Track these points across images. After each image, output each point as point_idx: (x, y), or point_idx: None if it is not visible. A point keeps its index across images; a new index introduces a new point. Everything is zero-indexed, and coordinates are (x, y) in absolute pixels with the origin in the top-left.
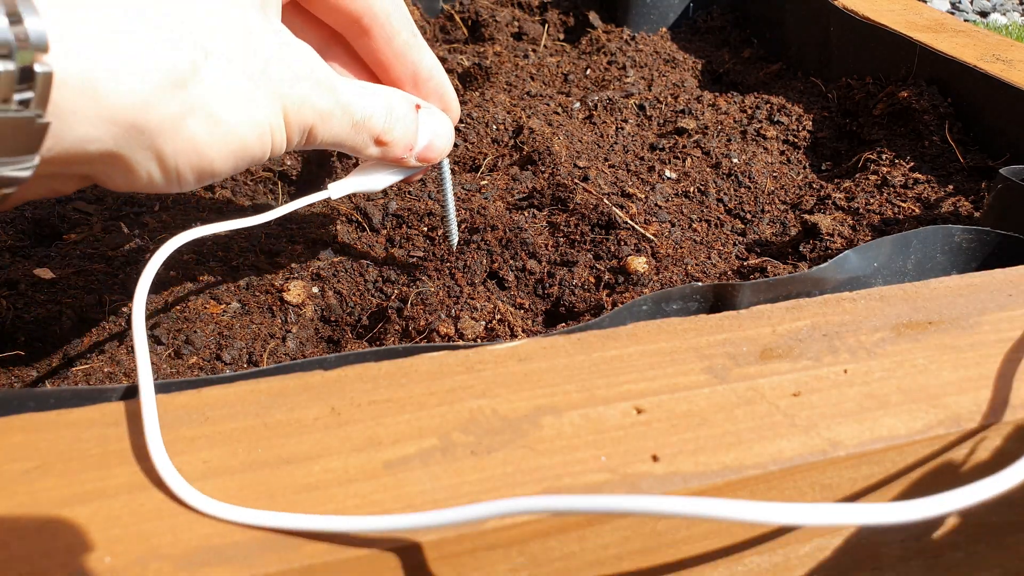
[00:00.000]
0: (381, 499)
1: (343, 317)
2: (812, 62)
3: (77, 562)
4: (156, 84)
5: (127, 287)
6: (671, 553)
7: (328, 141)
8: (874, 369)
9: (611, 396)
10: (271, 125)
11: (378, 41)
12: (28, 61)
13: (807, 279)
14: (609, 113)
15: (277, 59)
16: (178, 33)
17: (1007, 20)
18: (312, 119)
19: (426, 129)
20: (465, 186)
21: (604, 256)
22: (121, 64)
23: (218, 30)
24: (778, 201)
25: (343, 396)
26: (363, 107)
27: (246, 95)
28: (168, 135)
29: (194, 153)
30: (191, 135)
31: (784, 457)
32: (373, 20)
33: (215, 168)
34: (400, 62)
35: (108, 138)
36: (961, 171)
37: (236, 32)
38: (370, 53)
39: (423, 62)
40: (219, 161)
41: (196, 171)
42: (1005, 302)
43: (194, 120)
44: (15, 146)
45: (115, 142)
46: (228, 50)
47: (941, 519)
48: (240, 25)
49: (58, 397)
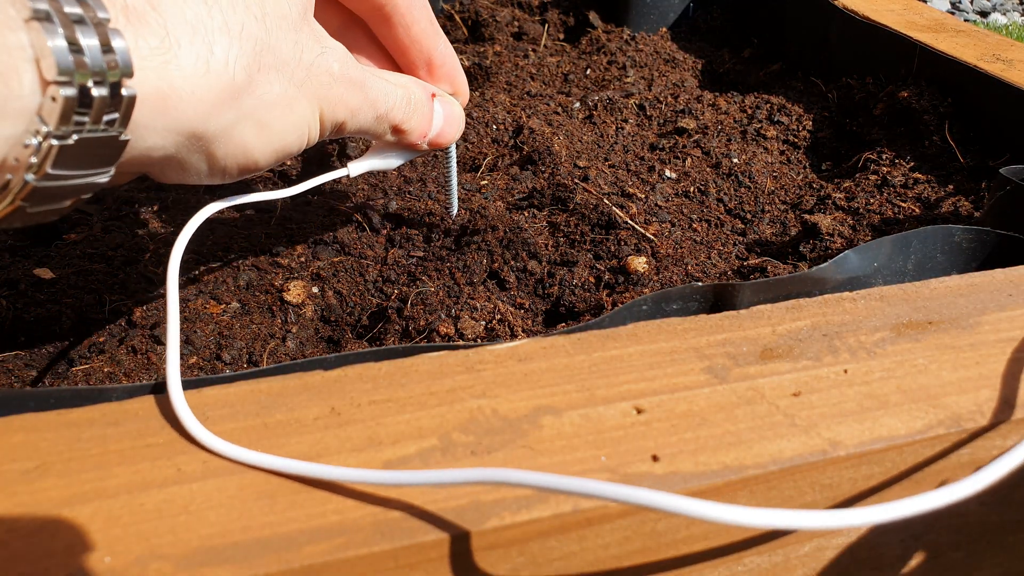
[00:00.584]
0: (381, 499)
1: (343, 317)
2: (812, 62)
3: (77, 562)
4: (216, 98)
5: (127, 287)
6: (671, 553)
7: (354, 131)
8: (874, 369)
9: (611, 396)
10: (309, 124)
11: (397, 28)
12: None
13: (807, 279)
14: (609, 113)
15: (317, 65)
16: (237, 48)
17: (1007, 20)
18: (344, 116)
19: (439, 117)
20: (465, 186)
21: (604, 256)
22: (188, 81)
23: (271, 44)
24: (778, 201)
25: (343, 396)
26: (387, 100)
27: (290, 101)
28: (222, 140)
29: (242, 154)
30: (241, 139)
31: (784, 457)
32: (394, 8)
33: (259, 165)
34: (416, 48)
35: (171, 145)
36: (961, 171)
37: (286, 44)
38: (389, 38)
39: (438, 48)
40: (263, 159)
41: (241, 168)
42: (1005, 302)
43: (245, 126)
44: (100, 160)
45: (176, 148)
46: (278, 61)
47: (941, 519)
48: (291, 37)
49: (58, 397)
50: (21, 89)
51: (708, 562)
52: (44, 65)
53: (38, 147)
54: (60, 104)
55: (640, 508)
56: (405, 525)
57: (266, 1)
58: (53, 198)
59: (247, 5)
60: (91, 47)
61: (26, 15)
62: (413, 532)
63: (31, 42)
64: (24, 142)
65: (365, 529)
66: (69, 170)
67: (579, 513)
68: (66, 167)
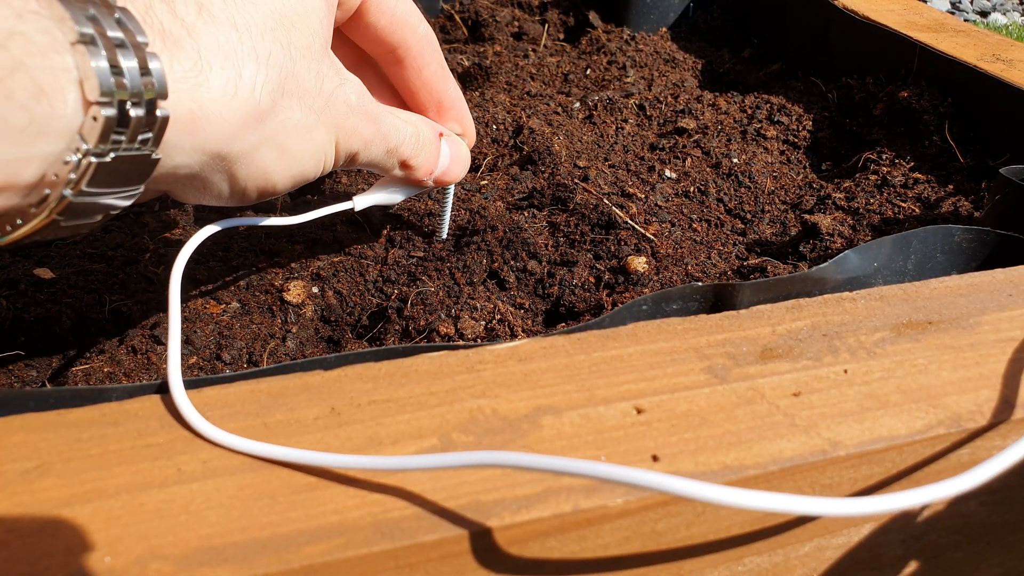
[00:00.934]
0: (381, 499)
1: (343, 317)
2: (812, 62)
3: (77, 562)
4: (242, 120)
5: (127, 287)
6: (671, 553)
7: (364, 163)
8: (874, 369)
9: (611, 396)
10: (326, 151)
11: (409, 71)
12: (152, 107)
13: (807, 279)
14: (609, 113)
15: (336, 95)
16: (264, 74)
17: (1007, 20)
18: (358, 146)
19: (446, 155)
20: (465, 186)
21: (604, 256)
22: (216, 103)
23: (295, 72)
24: (778, 201)
25: (343, 396)
26: (398, 135)
27: (310, 127)
28: (244, 162)
29: (262, 177)
30: (262, 161)
31: (784, 457)
32: (407, 52)
33: (277, 188)
34: (427, 90)
35: (196, 165)
36: (961, 171)
37: (308, 73)
38: (401, 80)
39: (448, 92)
40: (281, 183)
41: (260, 191)
42: (1005, 302)
43: (267, 149)
44: (132, 178)
45: (200, 167)
46: (300, 89)
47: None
48: (312, 67)
49: (58, 397)
50: (65, 108)
51: (708, 562)
52: (88, 86)
53: (77, 164)
54: (101, 123)
55: (638, 495)
56: (405, 525)
57: (292, 32)
58: (86, 213)
59: (275, 34)
60: (131, 69)
61: (72, 38)
62: (413, 532)
63: (76, 64)
64: (64, 159)
65: (365, 529)
66: (104, 187)
67: (579, 513)
68: (101, 184)
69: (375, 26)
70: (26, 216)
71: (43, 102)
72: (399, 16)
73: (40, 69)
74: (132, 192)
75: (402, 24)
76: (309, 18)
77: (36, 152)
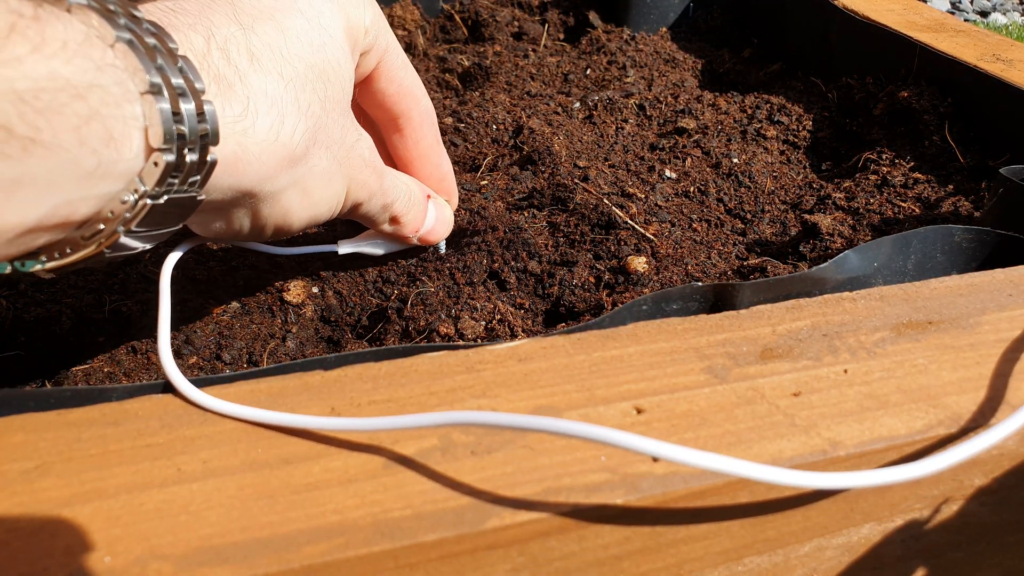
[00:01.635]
0: (381, 499)
1: (343, 317)
2: (812, 62)
3: (77, 562)
4: (278, 164)
5: (127, 287)
6: (671, 553)
7: (361, 215)
8: (874, 369)
9: (611, 396)
10: (339, 199)
11: (408, 140)
12: (205, 151)
13: (807, 279)
14: (609, 113)
15: (355, 149)
16: (304, 123)
17: (1007, 20)
18: (364, 197)
19: (432, 217)
20: (465, 186)
21: (604, 256)
22: (259, 147)
23: (326, 123)
24: (778, 201)
25: (343, 396)
26: (394, 192)
27: (331, 175)
28: (269, 201)
29: (282, 217)
30: (287, 202)
31: (784, 457)
32: (408, 122)
33: (292, 228)
34: (421, 162)
35: (227, 200)
36: (961, 171)
37: (336, 126)
38: (397, 147)
39: (440, 167)
40: (297, 223)
41: (278, 229)
42: (1005, 302)
43: (293, 191)
44: (176, 219)
45: (231, 203)
46: (328, 140)
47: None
48: (339, 121)
49: (58, 397)
50: (129, 153)
51: (708, 562)
52: (152, 133)
53: (134, 204)
54: (161, 168)
55: (638, 495)
56: (405, 525)
57: (328, 86)
58: (128, 248)
59: (314, 87)
60: (189, 114)
61: (143, 88)
62: (413, 532)
63: (144, 112)
64: (122, 199)
65: (365, 529)
66: (151, 226)
67: (579, 513)
68: (150, 224)
69: (383, 93)
70: (76, 246)
71: (111, 148)
72: (405, 87)
73: (113, 118)
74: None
75: (407, 95)
76: (341, 75)
77: (98, 192)
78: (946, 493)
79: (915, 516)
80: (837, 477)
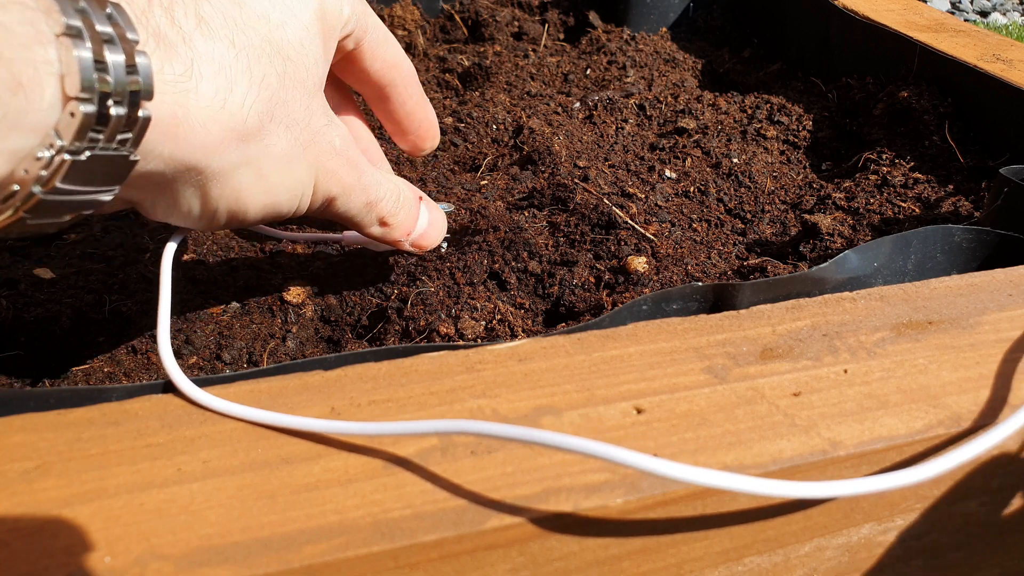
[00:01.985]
0: (381, 499)
1: (343, 317)
2: (812, 62)
3: (77, 562)
4: (224, 135)
5: (127, 287)
6: (671, 553)
7: (341, 213)
8: (874, 369)
9: (611, 396)
10: (303, 188)
11: (394, 103)
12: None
13: (807, 279)
14: (609, 113)
15: (322, 134)
16: (255, 94)
17: (1007, 20)
18: (336, 191)
19: (424, 219)
20: (465, 186)
21: (604, 256)
22: (203, 112)
23: (285, 100)
24: (778, 201)
25: (343, 396)
26: (378, 189)
27: (292, 159)
28: (219, 180)
29: (235, 200)
30: (237, 184)
31: (784, 457)
32: (394, 89)
33: (247, 217)
34: (409, 118)
35: (170, 173)
36: (961, 171)
37: (298, 106)
38: (385, 112)
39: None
40: (252, 211)
41: (230, 215)
42: (1005, 302)
43: (245, 171)
44: (107, 179)
45: (174, 178)
46: (288, 119)
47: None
48: (303, 101)
49: (58, 397)
50: (41, 103)
51: (708, 562)
52: (68, 81)
53: (50, 161)
54: (78, 120)
55: (638, 495)
56: (405, 525)
57: (288, 63)
58: (55, 212)
59: (271, 60)
60: (116, 64)
61: (58, 30)
62: (413, 532)
63: (59, 57)
64: (36, 155)
65: (365, 529)
66: (76, 185)
67: (579, 513)
68: (74, 182)
69: (368, 70)
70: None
71: (19, 96)
72: (389, 60)
73: (20, 61)
74: (106, 193)
75: (392, 66)
76: (305, 55)
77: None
78: (946, 493)
79: (915, 516)
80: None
